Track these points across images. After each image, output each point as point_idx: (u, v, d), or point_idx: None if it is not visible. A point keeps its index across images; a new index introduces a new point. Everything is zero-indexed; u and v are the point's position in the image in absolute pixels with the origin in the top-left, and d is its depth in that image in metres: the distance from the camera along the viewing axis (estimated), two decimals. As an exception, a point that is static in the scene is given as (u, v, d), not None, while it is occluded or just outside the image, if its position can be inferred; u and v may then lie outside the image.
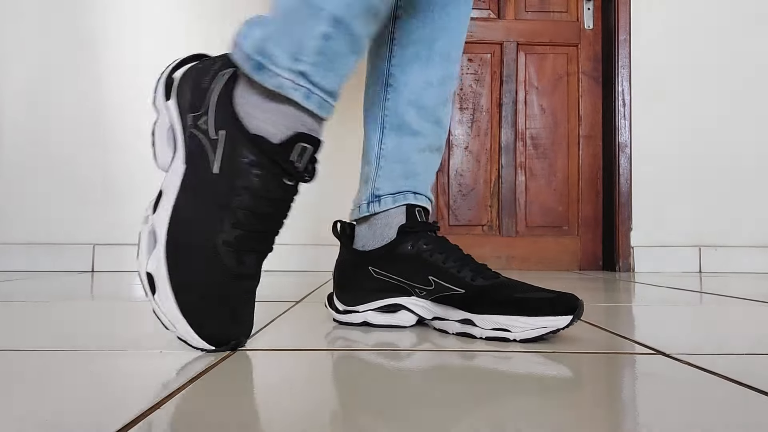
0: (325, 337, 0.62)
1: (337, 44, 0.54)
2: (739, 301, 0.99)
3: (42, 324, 0.69)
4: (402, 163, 0.71)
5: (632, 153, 2.00)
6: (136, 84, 1.91)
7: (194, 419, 0.34)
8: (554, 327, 0.57)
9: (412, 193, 0.71)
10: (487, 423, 0.33)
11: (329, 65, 0.55)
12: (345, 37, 0.54)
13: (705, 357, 0.51)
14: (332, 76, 0.56)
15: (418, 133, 0.71)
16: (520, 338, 0.58)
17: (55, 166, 1.89)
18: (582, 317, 0.64)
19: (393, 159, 0.72)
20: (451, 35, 0.71)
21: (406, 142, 0.71)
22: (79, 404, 0.36)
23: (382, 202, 0.71)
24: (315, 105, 0.55)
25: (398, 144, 0.71)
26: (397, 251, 0.67)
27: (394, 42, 0.71)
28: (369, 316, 0.68)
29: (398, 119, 0.71)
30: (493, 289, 0.61)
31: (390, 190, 0.71)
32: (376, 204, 0.71)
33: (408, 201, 0.70)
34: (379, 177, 0.72)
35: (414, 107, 0.71)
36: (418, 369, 0.47)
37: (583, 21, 2.12)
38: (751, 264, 1.97)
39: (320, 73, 0.54)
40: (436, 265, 0.64)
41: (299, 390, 0.40)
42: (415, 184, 0.71)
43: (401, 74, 0.71)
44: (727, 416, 0.35)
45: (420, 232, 0.67)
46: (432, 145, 0.73)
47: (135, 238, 1.88)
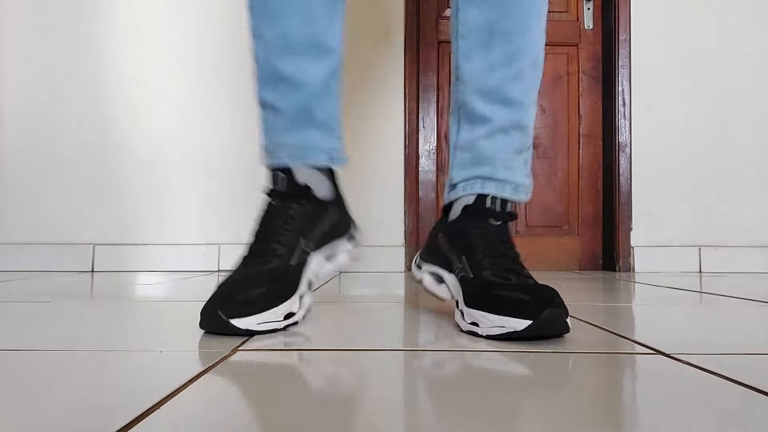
0: (324, 337, 0.62)
1: (267, 117, 0.73)
2: (738, 301, 0.99)
3: (42, 324, 0.69)
4: (470, 151, 0.74)
5: (632, 153, 2.00)
6: (137, 84, 1.91)
7: (194, 419, 0.34)
8: (512, 329, 0.56)
9: (480, 180, 0.72)
10: (485, 423, 0.33)
11: (268, 132, 0.74)
12: (268, 111, 0.73)
13: (705, 357, 0.51)
14: (270, 135, 0.74)
15: (485, 119, 0.72)
16: (485, 334, 0.59)
17: (55, 166, 1.89)
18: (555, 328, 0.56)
19: (464, 148, 0.75)
20: (508, 12, 0.70)
21: (477, 129, 0.73)
22: (79, 404, 0.36)
23: (456, 189, 0.75)
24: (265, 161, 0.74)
25: (470, 133, 0.74)
26: (454, 227, 0.73)
27: (459, 35, 0.73)
28: (426, 279, 0.77)
29: (468, 109, 0.74)
30: (487, 284, 0.63)
31: (461, 178, 0.74)
32: (452, 192, 0.76)
33: (475, 190, 0.72)
34: (454, 167, 0.76)
35: (479, 94, 0.72)
36: (404, 368, 0.47)
37: (583, 21, 2.12)
38: (751, 264, 1.97)
39: (266, 139, 0.74)
40: (470, 246, 0.68)
41: (299, 389, 0.40)
42: (485, 170, 0.72)
43: (466, 64, 0.73)
44: (728, 416, 0.35)
45: (479, 215, 0.71)
46: (503, 127, 0.72)
47: (135, 238, 1.88)
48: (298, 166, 0.72)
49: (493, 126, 0.72)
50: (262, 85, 0.72)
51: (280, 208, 0.70)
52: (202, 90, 1.92)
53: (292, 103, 0.71)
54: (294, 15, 0.68)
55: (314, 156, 0.73)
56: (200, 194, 1.90)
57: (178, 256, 1.88)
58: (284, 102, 0.71)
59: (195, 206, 1.90)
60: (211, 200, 1.90)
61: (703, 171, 2.00)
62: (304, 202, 0.72)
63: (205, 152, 1.91)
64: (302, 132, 0.72)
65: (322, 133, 0.74)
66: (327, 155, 0.75)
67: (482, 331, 0.59)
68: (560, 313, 0.56)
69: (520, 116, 0.73)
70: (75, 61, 1.90)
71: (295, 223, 0.70)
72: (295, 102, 0.71)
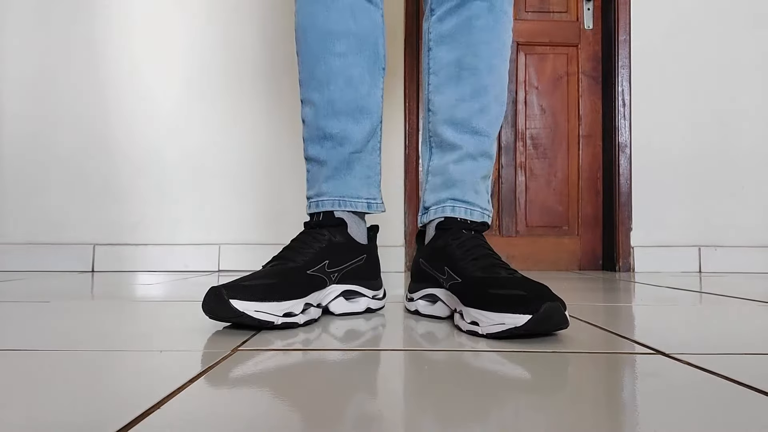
0: (324, 337, 0.62)
1: (312, 170, 0.83)
2: (738, 301, 0.99)
3: (42, 324, 0.69)
4: (441, 175, 0.80)
5: (632, 153, 2.00)
6: (137, 85, 1.91)
7: (194, 419, 0.34)
8: (512, 325, 0.57)
9: (451, 201, 0.79)
10: (485, 423, 0.33)
11: (312, 183, 0.83)
12: (313, 165, 0.82)
13: (705, 357, 0.51)
14: (315, 186, 0.82)
15: (455, 146, 0.79)
16: (485, 333, 0.59)
17: (55, 166, 1.89)
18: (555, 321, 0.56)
19: (435, 173, 0.81)
20: (476, 49, 0.78)
21: (447, 155, 0.80)
22: (79, 404, 0.36)
23: (428, 212, 0.81)
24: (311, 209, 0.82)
25: (441, 159, 0.81)
26: (431, 246, 0.77)
27: (430, 71, 0.82)
28: (420, 305, 0.78)
29: (439, 138, 0.81)
30: (481, 282, 0.64)
31: (433, 201, 0.81)
32: (425, 215, 0.82)
33: (446, 213, 0.78)
34: (426, 190, 0.83)
35: (449, 124, 0.79)
36: (404, 369, 0.47)
37: (583, 21, 2.12)
38: (751, 264, 1.97)
39: (310, 191, 0.83)
40: (452, 255, 0.71)
41: (299, 389, 0.40)
42: (455, 192, 0.79)
43: (437, 98, 0.80)
44: (727, 416, 0.35)
45: (452, 229, 0.76)
46: (472, 153, 0.79)
47: (135, 238, 1.88)
48: (337, 209, 0.80)
49: (462, 152, 0.79)
50: (310, 142, 0.81)
51: (311, 233, 0.77)
52: (202, 90, 1.92)
53: (335, 156, 0.80)
54: (339, 83, 0.78)
55: (353, 202, 0.81)
56: (200, 194, 1.90)
57: (178, 256, 1.88)
58: (328, 156, 0.80)
59: (195, 206, 1.90)
60: (211, 200, 1.90)
61: (703, 171, 2.00)
62: (337, 234, 0.78)
63: (205, 152, 1.91)
64: (343, 181, 0.80)
65: (361, 182, 0.82)
66: (365, 202, 0.83)
67: (482, 329, 0.60)
68: (558, 305, 0.57)
69: (486, 146, 0.80)
70: (75, 61, 1.90)
71: (322, 246, 0.75)
72: (339, 156, 0.80)
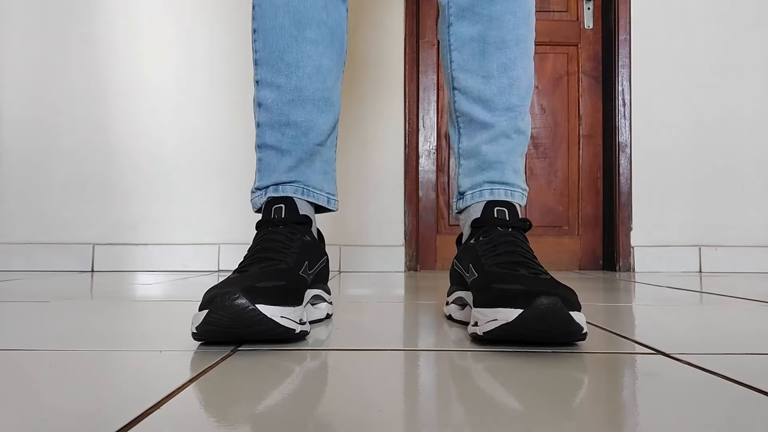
0: (324, 337, 0.62)
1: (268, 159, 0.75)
2: (738, 301, 0.99)
3: (42, 324, 0.69)
4: (474, 158, 0.75)
5: (632, 153, 2.00)
6: (136, 85, 1.91)
7: (194, 419, 0.34)
8: (504, 320, 0.52)
9: (489, 184, 0.74)
10: (485, 423, 0.33)
11: (267, 174, 0.75)
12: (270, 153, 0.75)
13: (705, 357, 0.51)
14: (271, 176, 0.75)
15: (487, 126, 0.74)
16: (482, 332, 0.55)
17: (55, 166, 1.89)
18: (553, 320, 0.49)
19: (468, 155, 0.76)
20: (501, 22, 0.73)
21: (478, 136, 0.75)
22: (79, 404, 0.36)
23: (465, 198, 0.76)
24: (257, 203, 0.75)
25: (471, 140, 0.76)
26: (465, 244, 0.72)
27: (452, 48, 0.76)
28: (452, 309, 0.74)
29: (467, 117, 0.76)
30: (488, 276, 0.59)
31: (469, 186, 0.76)
32: (461, 201, 0.77)
33: (484, 198, 0.73)
34: (460, 175, 0.78)
35: (478, 103, 0.74)
36: (403, 370, 0.47)
37: (583, 21, 2.12)
38: (751, 264, 1.97)
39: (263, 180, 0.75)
40: (477, 251, 0.67)
41: (299, 389, 0.40)
42: (494, 175, 0.74)
43: (462, 75, 0.76)
44: (727, 416, 0.35)
45: (487, 226, 0.70)
46: (505, 131, 0.74)
47: (135, 238, 1.88)
48: (299, 198, 0.74)
49: (495, 131, 0.74)
50: (269, 128, 0.74)
51: (279, 231, 0.68)
52: (203, 90, 1.92)
53: (299, 146, 0.74)
54: (310, 71, 0.74)
55: (316, 195, 0.76)
56: (200, 194, 1.90)
57: (178, 256, 1.88)
58: (292, 145, 0.74)
59: (195, 206, 1.90)
60: (211, 200, 1.90)
61: (703, 171, 2.00)
62: (306, 233, 0.71)
63: (205, 152, 1.91)
64: (305, 174, 0.75)
65: (321, 177, 0.77)
66: (326, 197, 0.78)
67: (480, 329, 0.55)
68: (556, 301, 0.49)
69: (519, 121, 0.75)
70: (75, 61, 1.90)
71: (300, 246, 0.67)
72: (303, 146, 0.74)
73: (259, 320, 0.51)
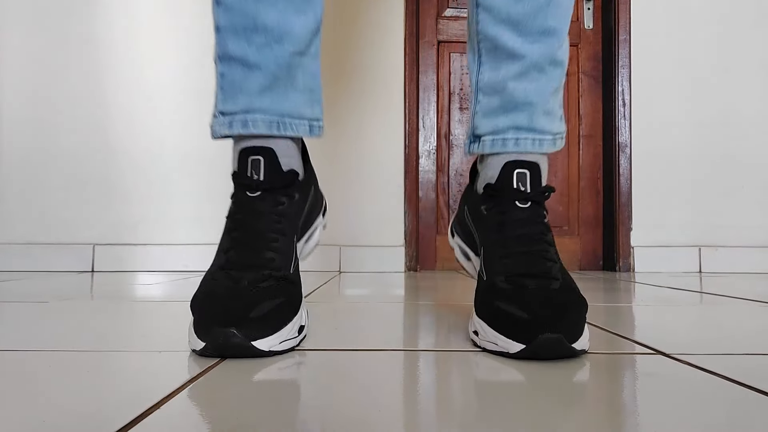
0: (324, 337, 0.62)
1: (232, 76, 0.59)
2: (738, 301, 0.99)
3: (42, 324, 0.69)
4: (498, 95, 0.62)
5: (632, 153, 2.00)
6: (136, 84, 1.91)
7: (194, 419, 0.34)
8: (504, 349, 0.50)
9: (514, 131, 0.61)
10: (484, 424, 0.33)
11: (231, 93, 0.59)
12: (235, 68, 0.59)
13: (705, 357, 0.51)
14: (237, 98, 0.59)
15: (516, 55, 0.60)
16: (481, 346, 0.54)
17: (55, 166, 1.89)
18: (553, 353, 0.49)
19: (489, 91, 0.62)
20: None
21: (504, 67, 0.61)
22: (79, 404, 0.36)
23: (480, 143, 0.63)
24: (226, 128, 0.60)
25: (495, 72, 0.62)
26: (475, 208, 0.64)
27: None
28: (456, 250, 0.70)
29: (492, 43, 0.61)
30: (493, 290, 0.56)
31: (489, 129, 0.63)
32: (476, 144, 0.64)
33: (506, 149, 0.61)
34: (477, 114, 0.64)
35: (507, 25, 0.60)
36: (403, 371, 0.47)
37: (583, 21, 2.12)
38: (751, 264, 1.97)
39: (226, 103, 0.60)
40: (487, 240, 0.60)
41: (299, 389, 0.40)
42: (521, 119, 0.61)
43: None
44: (727, 416, 0.35)
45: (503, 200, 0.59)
46: (538, 63, 0.60)
47: (135, 238, 1.88)
48: (277, 140, 0.60)
49: (526, 63, 0.60)
50: (233, 34, 0.58)
51: (264, 204, 0.58)
52: (203, 90, 1.92)
53: (273, 58, 0.58)
54: None
55: (296, 125, 0.61)
56: (200, 194, 1.90)
57: (178, 256, 1.88)
58: (263, 56, 0.58)
59: (195, 206, 1.90)
60: (210, 200, 1.90)
61: (703, 171, 2.00)
62: (293, 192, 0.60)
63: (205, 152, 1.91)
64: (283, 95, 0.60)
65: (304, 97, 0.62)
66: (308, 124, 0.62)
67: (480, 342, 0.55)
68: (560, 339, 0.48)
69: (556, 49, 0.61)
70: (75, 61, 1.90)
71: (287, 222, 0.58)
72: (277, 57, 0.58)
73: (255, 354, 0.50)
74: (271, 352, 0.50)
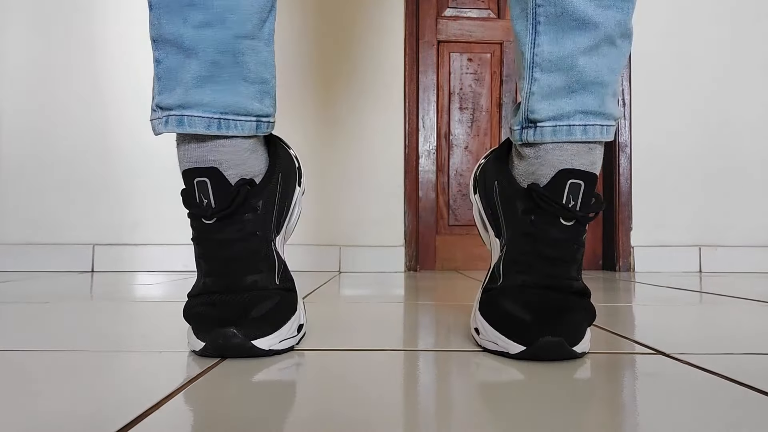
0: (324, 337, 0.62)
1: (167, 62, 0.50)
2: (738, 301, 0.99)
3: (42, 324, 0.69)
4: (563, 72, 0.52)
5: (632, 153, 2.00)
6: (136, 85, 1.91)
7: (194, 419, 0.34)
8: (504, 349, 0.50)
9: (582, 116, 0.53)
10: (484, 424, 0.33)
11: (167, 83, 0.51)
12: (171, 53, 0.50)
13: (705, 357, 0.51)
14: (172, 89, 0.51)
15: (588, 22, 0.50)
16: (481, 345, 0.54)
17: (55, 166, 1.89)
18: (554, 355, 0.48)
19: (550, 67, 0.52)
20: None
21: (570, 39, 0.51)
22: (80, 404, 0.36)
23: (539, 130, 0.53)
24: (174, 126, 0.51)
25: (559, 44, 0.52)
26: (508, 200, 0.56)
27: None
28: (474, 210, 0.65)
29: (558, 8, 0.51)
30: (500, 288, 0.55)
31: (551, 114, 0.53)
32: (530, 131, 0.54)
33: (574, 136, 0.53)
34: (533, 94, 0.53)
35: None
36: (403, 370, 0.47)
37: (583, 21, 2.12)
38: (751, 264, 1.97)
39: (162, 95, 0.51)
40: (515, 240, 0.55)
41: (299, 389, 0.40)
42: (588, 101, 0.52)
43: None
44: (727, 416, 0.35)
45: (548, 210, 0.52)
46: (611, 35, 0.51)
47: (135, 238, 1.88)
48: (222, 141, 0.52)
49: (599, 34, 0.51)
50: (166, 12, 0.49)
51: (226, 232, 0.52)
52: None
53: (213, 41, 0.49)
54: None
55: (240, 124, 0.52)
56: (200, 194, 1.90)
57: (178, 256, 1.88)
58: (201, 39, 0.49)
59: (195, 206, 1.90)
60: (211, 200, 1.90)
61: (703, 171, 2.00)
62: (256, 203, 0.53)
63: (205, 152, 1.91)
64: (226, 86, 0.51)
65: (253, 89, 0.53)
66: (255, 122, 0.53)
67: (480, 341, 0.55)
68: (561, 342, 0.47)
69: (629, 18, 0.52)
70: (75, 61, 1.90)
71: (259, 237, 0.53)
72: (218, 40, 0.49)
73: (258, 354, 0.49)
74: (271, 351, 0.50)
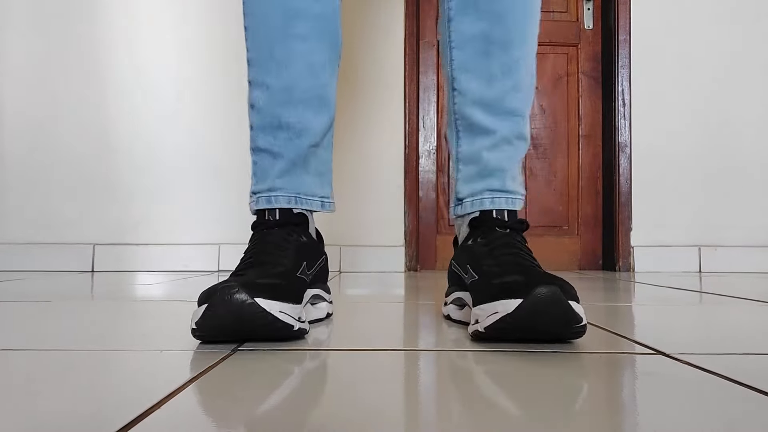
0: (324, 337, 0.62)
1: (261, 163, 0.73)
2: (738, 301, 0.99)
3: (42, 324, 0.69)
4: (474, 164, 0.72)
5: (632, 153, 2.00)
6: (136, 85, 1.91)
7: (194, 419, 0.34)
8: (504, 312, 0.52)
9: (489, 192, 0.71)
10: (484, 423, 0.33)
11: (262, 177, 0.72)
12: (264, 157, 0.72)
13: (705, 357, 0.51)
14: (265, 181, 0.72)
15: (488, 131, 0.71)
16: (484, 327, 0.55)
17: (56, 166, 1.89)
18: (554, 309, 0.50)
19: (467, 161, 0.73)
20: (507, 20, 0.69)
21: (479, 142, 0.72)
22: (80, 404, 0.36)
23: (464, 205, 0.73)
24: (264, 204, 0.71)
25: (471, 145, 0.73)
26: (462, 245, 0.71)
27: (452, 46, 0.72)
28: (450, 310, 0.73)
29: (467, 121, 0.72)
30: (488, 274, 0.60)
31: (468, 193, 0.73)
32: (459, 207, 0.74)
33: (484, 206, 0.71)
34: (459, 180, 0.74)
35: (479, 106, 0.71)
36: (399, 371, 0.47)
37: (583, 21, 2.12)
38: (751, 264, 1.97)
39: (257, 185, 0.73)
40: (476, 252, 0.66)
41: (299, 390, 0.41)
42: (494, 183, 0.71)
43: (463, 76, 0.72)
44: (727, 416, 0.35)
45: (483, 227, 0.69)
46: (507, 137, 0.71)
47: (135, 238, 1.88)
48: (294, 206, 0.72)
49: (497, 137, 0.71)
50: (261, 131, 0.72)
51: (276, 233, 0.68)
52: (203, 90, 1.92)
53: (292, 149, 0.71)
54: (300, 68, 0.70)
55: (308, 200, 0.73)
56: (200, 194, 1.90)
57: (178, 256, 1.88)
58: (284, 148, 0.71)
59: (195, 206, 1.90)
60: (210, 200, 1.90)
61: (703, 171, 2.00)
62: (302, 234, 0.70)
63: (205, 152, 1.91)
64: (299, 177, 0.72)
65: (315, 179, 0.74)
66: (319, 201, 0.75)
67: (482, 325, 0.56)
68: (555, 290, 0.51)
69: (521, 126, 0.72)
70: (76, 61, 1.90)
71: (294, 247, 0.67)
72: (296, 149, 0.71)
73: (258, 314, 0.52)
74: (268, 314, 0.52)
